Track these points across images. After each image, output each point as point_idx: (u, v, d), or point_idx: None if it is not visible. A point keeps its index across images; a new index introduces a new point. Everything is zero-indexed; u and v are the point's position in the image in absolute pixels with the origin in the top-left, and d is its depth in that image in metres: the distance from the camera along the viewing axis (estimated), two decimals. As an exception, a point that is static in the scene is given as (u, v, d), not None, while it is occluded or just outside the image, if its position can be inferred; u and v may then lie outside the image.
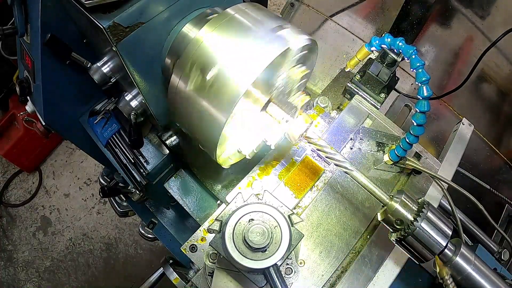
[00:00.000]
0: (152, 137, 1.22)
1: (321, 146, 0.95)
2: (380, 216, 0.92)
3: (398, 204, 0.88)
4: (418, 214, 0.87)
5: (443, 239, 0.86)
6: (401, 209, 0.88)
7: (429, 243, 0.86)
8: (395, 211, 0.88)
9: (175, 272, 1.49)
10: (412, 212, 0.88)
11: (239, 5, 0.91)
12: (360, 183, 0.93)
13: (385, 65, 1.25)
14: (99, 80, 0.99)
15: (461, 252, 0.88)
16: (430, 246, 0.86)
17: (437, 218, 0.88)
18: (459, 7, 1.93)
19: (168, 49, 0.94)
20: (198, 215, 1.19)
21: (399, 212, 0.88)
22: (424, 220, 0.86)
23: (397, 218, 0.88)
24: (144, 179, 1.18)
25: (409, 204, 0.89)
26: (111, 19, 0.79)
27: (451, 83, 1.98)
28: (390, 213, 0.89)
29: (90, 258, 3.10)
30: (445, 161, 1.22)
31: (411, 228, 0.86)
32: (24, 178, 3.40)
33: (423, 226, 0.85)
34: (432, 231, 0.86)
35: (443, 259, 0.88)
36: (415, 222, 0.86)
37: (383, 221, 0.91)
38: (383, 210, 0.91)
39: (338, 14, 2.20)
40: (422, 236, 0.86)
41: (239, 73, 0.80)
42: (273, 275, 0.80)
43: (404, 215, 0.87)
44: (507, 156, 1.91)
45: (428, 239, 0.86)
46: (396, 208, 0.88)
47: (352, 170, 0.93)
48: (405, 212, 0.88)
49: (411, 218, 0.87)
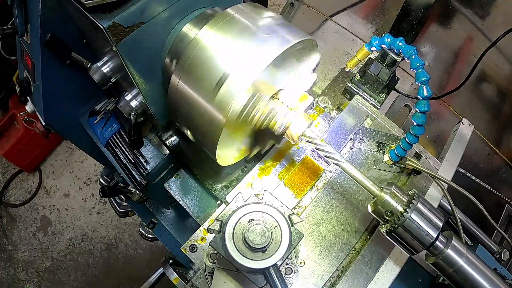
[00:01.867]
0: (152, 137, 1.22)
1: (311, 138, 0.94)
2: (370, 207, 0.92)
3: (387, 195, 0.88)
4: (408, 205, 0.86)
5: (434, 230, 0.86)
6: (391, 200, 0.88)
7: (419, 234, 0.85)
8: (385, 202, 0.88)
9: (175, 272, 1.49)
10: (402, 203, 0.87)
11: (239, 5, 0.91)
12: (350, 175, 0.93)
13: (385, 65, 1.25)
14: (99, 80, 0.99)
15: (453, 245, 0.87)
16: (420, 238, 0.86)
17: (428, 209, 0.87)
18: (459, 7, 1.93)
19: (168, 49, 0.94)
20: (198, 215, 1.19)
21: (389, 203, 0.88)
22: (414, 211, 0.85)
23: (387, 210, 0.88)
24: (144, 179, 1.18)
25: (399, 195, 0.88)
26: (111, 19, 0.79)
27: (451, 83, 1.98)
28: (380, 205, 0.88)
29: (90, 258, 3.10)
30: (445, 161, 1.22)
31: (401, 219, 0.85)
32: (24, 178, 3.40)
33: (413, 217, 0.85)
34: (422, 223, 0.85)
35: (434, 252, 0.88)
36: (405, 213, 0.85)
37: (373, 212, 0.91)
38: (373, 202, 0.91)
39: (338, 14, 2.20)
40: (412, 228, 0.85)
41: (239, 73, 0.80)
42: (273, 275, 0.80)
43: (394, 206, 0.87)
44: (507, 156, 1.91)
45: (418, 230, 0.85)
46: (385, 199, 0.88)
47: (341, 161, 0.93)
48: (395, 203, 0.87)
49: (401, 209, 0.86)
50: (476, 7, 1.91)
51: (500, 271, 1.24)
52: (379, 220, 0.92)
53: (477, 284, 0.86)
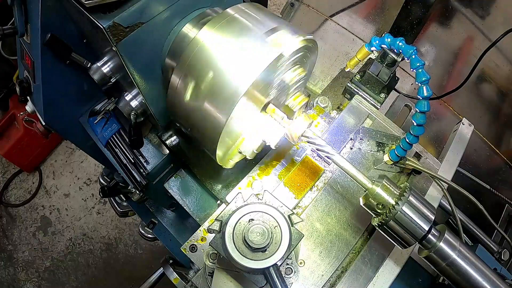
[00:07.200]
0: (152, 137, 1.23)
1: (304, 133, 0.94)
2: (362, 200, 0.91)
3: (379, 188, 0.88)
4: (400, 198, 0.86)
5: (426, 223, 0.85)
6: (382, 192, 0.87)
7: (411, 227, 0.85)
8: (376, 195, 0.88)
9: (175, 272, 1.49)
10: (393, 196, 0.87)
11: (239, 5, 0.91)
12: (342, 168, 0.92)
13: (385, 65, 1.25)
14: (99, 80, 0.99)
15: (445, 238, 0.87)
16: (412, 230, 0.85)
17: (420, 202, 0.87)
18: (459, 7, 1.93)
19: (168, 49, 0.94)
20: (198, 215, 1.19)
21: (380, 196, 0.87)
22: (406, 204, 0.85)
23: (378, 202, 0.88)
24: (144, 179, 1.18)
25: (391, 188, 0.88)
26: (111, 19, 0.79)
27: (451, 83, 1.98)
28: (372, 197, 0.88)
29: (90, 258, 3.10)
30: (445, 161, 1.22)
31: (393, 212, 0.85)
32: (24, 178, 3.40)
33: (404, 210, 0.85)
34: (414, 215, 0.85)
35: (427, 245, 0.88)
36: (396, 206, 0.85)
37: (365, 205, 0.91)
38: (364, 195, 0.91)
39: (338, 14, 2.20)
40: (403, 220, 0.85)
41: (239, 73, 0.80)
42: (273, 275, 0.80)
43: (386, 199, 0.87)
44: (507, 156, 1.91)
45: (410, 223, 0.85)
46: (377, 192, 0.87)
47: (333, 154, 0.93)
48: (386, 196, 0.87)
49: (393, 202, 0.86)
50: (476, 7, 1.91)
51: (500, 271, 1.24)
52: (371, 213, 0.92)
53: (470, 278, 0.86)
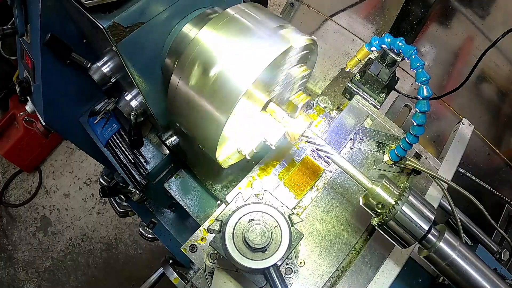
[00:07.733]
0: (152, 137, 1.22)
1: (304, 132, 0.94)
2: (362, 200, 0.91)
3: (379, 187, 0.88)
4: (399, 197, 0.86)
5: (425, 223, 0.85)
6: (382, 192, 0.87)
7: (411, 227, 0.85)
8: (376, 195, 0.88)
9: (175, 272, 1.49)
10: (393, 195, 0.87)
11: (239, 5, 0.91)
12: (342, 168, 0.92)
13: (385, 65, 1.25)
14: (99, 80, 0.99)
15: (445, 238, 0.87)
16: (412, 230, 0.85)
17: (419, 202, 0.87)
18: (459, 7, 1.93)
19: (168, 49, 0.94)
20: (198, 215, 1.19)
21: (380, 195, 0.87)
22: (406, 204, 0.85)
23: (378, 202, 0.88)
24: (144, 179, 1.18)
25: (390, 188, 0.88)
26: (111, 19, 0.79)
27: (451, 83, 1.98)
28: (372, 197, 0.88)
29: (90, 258, 3.10)
30: (445, 161, 1.22)
31: (392, 212, 0.85)
32: (24, 178, 3.40)
33: (404, 209, 0.85)
34: (414, 215, 0.85)
35: (426, 245, 0.88)
36: (396, 206, 0.85)
37: (365, 205, 0.91)
38: (364, 194, 0.91)
39: (338, 14, 2.20)
40: (403, 220, 0.85)
41: (239, 73, 0.80)
42: (273, 275, 0.80)
43: (385, 199, 0.87)
44: (507, 156, 1.91)
45: (409, 223, 0.85)
46: (377, 192, 0.87)
47: (333, 154, 0.93)
48: (386, 195, 0.87)
49: (392, 202, 0.86)
50: (476, 7, 1.91)
51: (500, 271, 1.24)
52: (371, 213, 0.92)
53: (470, 277, 0.86)
